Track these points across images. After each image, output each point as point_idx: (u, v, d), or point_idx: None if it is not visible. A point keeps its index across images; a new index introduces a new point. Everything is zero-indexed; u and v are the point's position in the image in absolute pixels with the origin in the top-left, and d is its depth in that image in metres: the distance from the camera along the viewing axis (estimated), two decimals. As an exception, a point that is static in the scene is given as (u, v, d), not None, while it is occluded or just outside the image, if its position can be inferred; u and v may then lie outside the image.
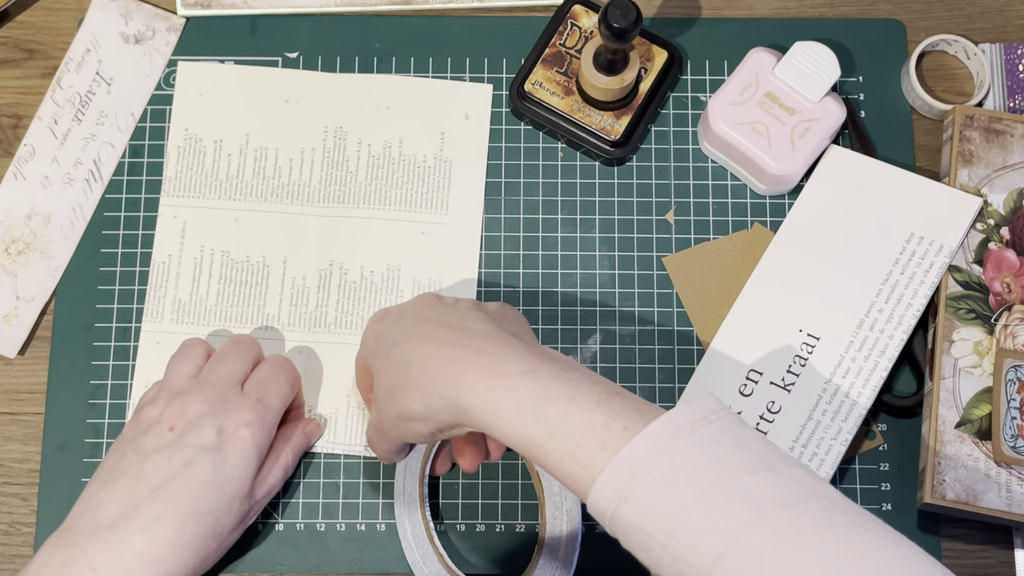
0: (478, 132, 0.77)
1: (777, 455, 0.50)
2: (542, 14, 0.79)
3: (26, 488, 0.72)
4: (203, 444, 0.62)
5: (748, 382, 0.70)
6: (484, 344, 0.56)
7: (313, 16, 0.79)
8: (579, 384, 0.53)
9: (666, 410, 0.52)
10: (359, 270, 0.75)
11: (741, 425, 0.51)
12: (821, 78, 0.73)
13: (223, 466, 0.62)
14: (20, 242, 0.75)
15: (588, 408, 0.52)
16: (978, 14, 0.79)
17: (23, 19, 0.79)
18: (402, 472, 0.70)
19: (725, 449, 0.49)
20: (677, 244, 0.75)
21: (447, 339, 0.57)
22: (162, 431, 0.63)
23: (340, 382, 0.73)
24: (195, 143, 0.76)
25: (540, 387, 0.53)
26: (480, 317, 0.59)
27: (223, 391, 0.65)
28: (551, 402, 0.53)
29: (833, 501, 0.48)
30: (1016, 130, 0.73)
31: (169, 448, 0.62)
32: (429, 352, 0.57)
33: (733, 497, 0.48)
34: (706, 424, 0.50)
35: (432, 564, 0.68)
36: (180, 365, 0.67)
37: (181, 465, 0.62)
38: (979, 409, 0.69)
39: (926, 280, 0.71)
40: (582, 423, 0.52)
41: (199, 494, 0.61)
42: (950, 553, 0.71)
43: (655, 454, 0.49)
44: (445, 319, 0.59)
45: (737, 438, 0.50)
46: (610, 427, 0.51)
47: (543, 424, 0.52)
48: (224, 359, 0.67)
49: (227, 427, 0.63)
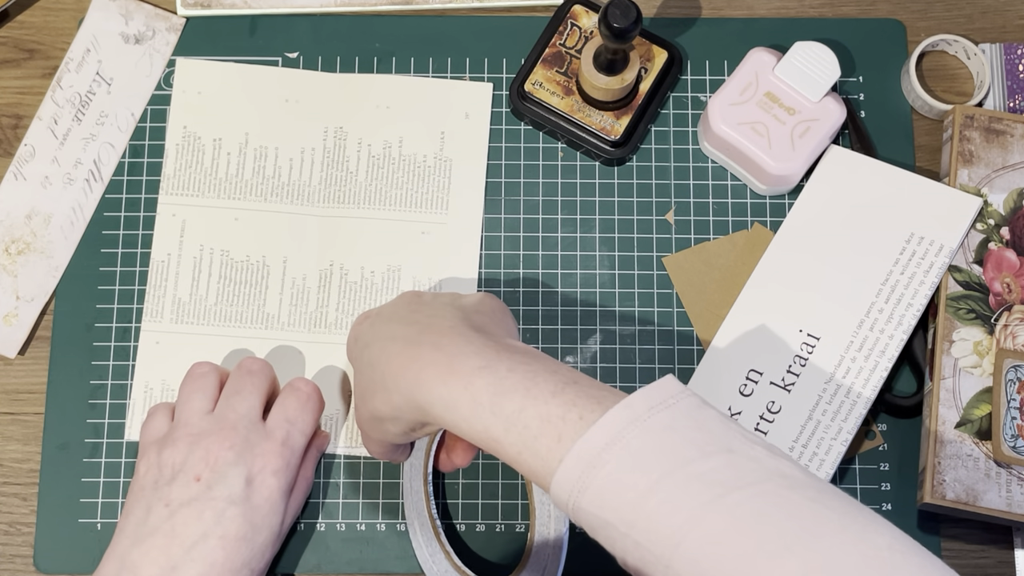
0: (478, 132, 0.77)
1: (735, 435, 0.49)
2: (542, 14, 0.79)
3: (26, 488, 0.72)
4: (232, 496, 0.61)
5: (748, 382, 0.70)
6: (443, 340, 0.56)
7: (313, 16, 0.79)
8: (536, 376, 0.53)
9: (623, 393, 0.52)
10: (359, 270, 0.75)
11: (700, 407, 0.50)
12: (821, 78, 0.73)
13: (254, 517, 0.62)
14: (20, 242, 0.75)
15: (544, 400, 0.52)
16: (978, 14, 0.79)
17: (23, 19, 0.79)
18: (408, 471, 0.70)
19: (682, 434, 0.49)
20: (677, 244, 0.75)
21: (410, 337, 0.57)
22: (188, 481, 0.62)
23: (340, 382, 0.73)
24: (194, 141, 0.76)
25: (496, 381, 0.53)
26: (448, 311, 0.59)
27: (246, 433, 0.63)
28: (507, 396, 0.52)
29: (791, 478, 0.48)
30: (1016, 130, 0.73)
31: (199, 502, 0.61)
32: (392, 352, 0.57)
33: (690, 481, 0.47)
34: (663, 409, 0.50)
35: (440, 562, 0.67)
36: (194, 400, 0.65)
37: (213, 521, 0.61)
38: (979, 409, 0.69)
39: (926, 280, 0.71)
40: (538, 415, 0.51)
41: (234, 550, 0.61)
42: (950, 553, 0.71)
43: (612, 443, 0.49)
44: (415, 317, 0.59)
45: (694, 421, 0.50)
46: (566, 418, 0.51)
47: (499, 419, 0.52)
48: (240, 393, 0.65)
49: (254, 474, 0.62)
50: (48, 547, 0.71)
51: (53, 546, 0.71)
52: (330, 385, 0.73)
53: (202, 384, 0.66)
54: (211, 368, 0.67)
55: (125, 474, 0.72)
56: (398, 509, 0.71)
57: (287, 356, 0.73)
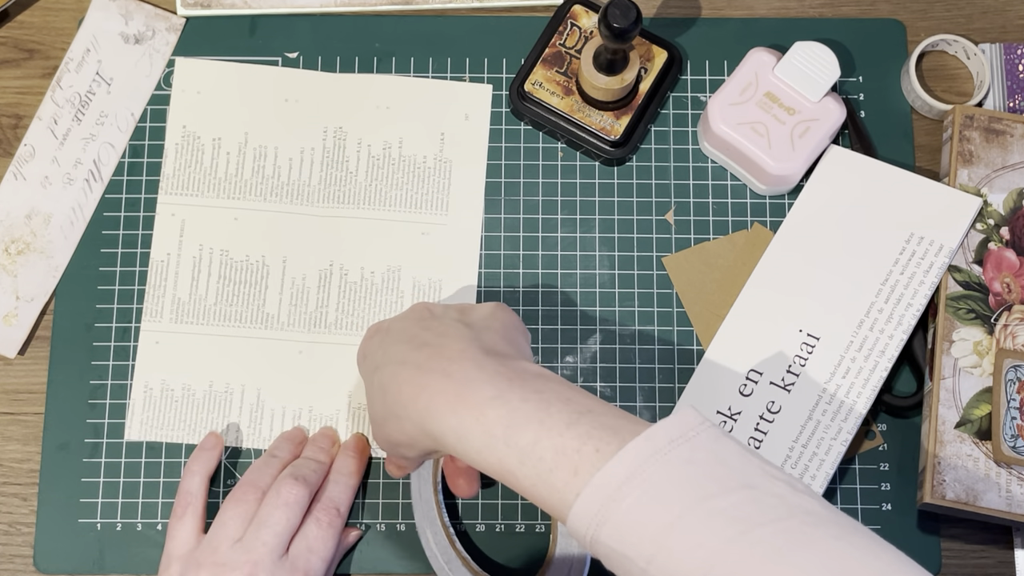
0: (478, 132, 0.77)
1: (757, 470, 0.49)
2: (542, 14, 0.79)
3: (26, 488, 0.72)
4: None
5: (748, 382, 0.70)
6: (454, 367, 0.55)
7: (313, 16, 0.79)
8: (549, 405, 0.52)
9: (641, 420, 0.51)
10: (359, 270, 0.75)
11: (720, 439, 0.50)
12: (821, 78, 0.73)
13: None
14: (20, 242, 0.75)
15: (559, 431, 0.51)
16: (978, 14, 0.79)
17: (23, 19, 0.79)
18: (416, 480, 0.69)
19: (703, 468, 0.48)
20: (677, 244, 0.75)
21: (420, 363, 0.56)
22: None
23: (340, 382, 0.73)
24: (193, 140, 0.76)
25: (508, 412, 0.52)
26: (458, 331, 0.58)
27: (270, 568, 0.63)
28: (520, 428, 0.52)
29: (815, 515, 0.47)
30: (1016, 130, 0.73)
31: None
32: (402, 378, 0.57)
33: (712, 517, 0.46)
34: (684, 442, 0.49)
35: (458, 569, 0.67)
36: (229, 526, 0.65)
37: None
38: (979, 409, 0.69)
39: (926, 280, 0.70)
40: (553, 448, 0.50)
41: None
42: (950, 553, 0.71)
43: (631, 477, 0.48)
44: (424, 337, 0.58)
45: (715, 454, 0.49)
46: (581, 451, 0.50)
47: (514, 451, 0.51)
48: (271, 526, 0.64)
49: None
50: (48, 547, 0.71)
51: (53, 546, 0.71)
52: (330, 385, 0.73)
53: (242, 510, 0.65)
54: (256, 489, 0.66)
55: (125, 474, 0.72)
56: (398, 509, 0.71)
57: (287, 356, 0.73)
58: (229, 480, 0.72)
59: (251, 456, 0.72)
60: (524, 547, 0.71)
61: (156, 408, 0.73)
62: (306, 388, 0.73)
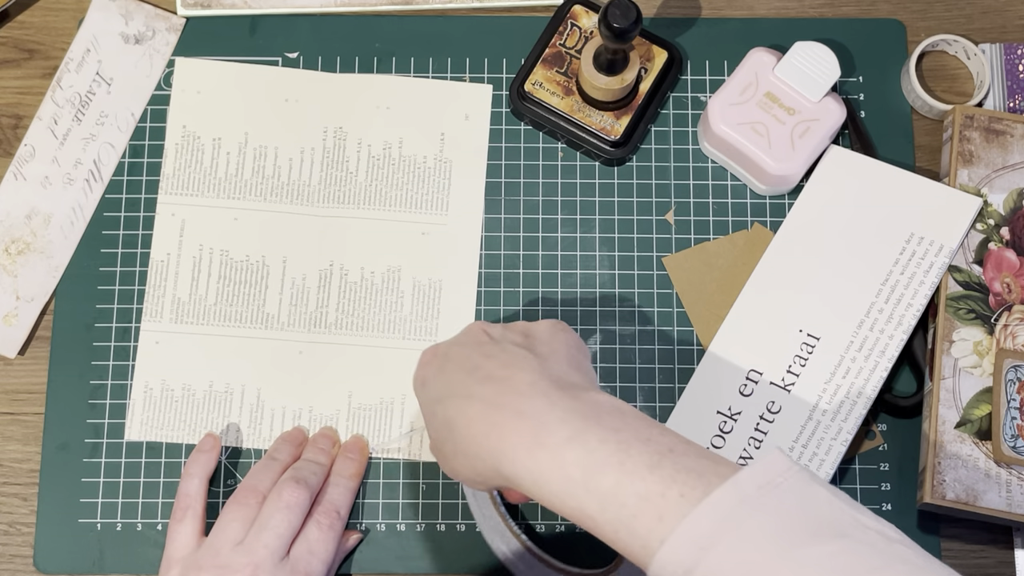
0: (478, 132, 0.77)
1: (848, 518, 0.47)
2: (542, 14, 0.79)
3: (26, 488, 0.72)
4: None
5: (748, 382, 0.70)
6: (526, 405, 0.53)
7: (313, 16, 0.79)
8: (629, 447, 0.50)
9: (724, 459, 0.49)
10: (359, 271, 0.75)
11: (809, 484, 0.48)
12: (821, 78, 0.73)
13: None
14: (20, 242, 0.75)
15: (641, 476, 0.49)
16: (978, 14, 0.79)
17: (23, 19, 0.79)
18: (473, 501, 0.70)
19: (793, 516, 0.46)
20: (677, 244, 0.75)
21: (489, 399, 0.55)
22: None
23: (340, 382, 0.73)
24: (193, 140, 0.76)
25: (587, 455, 0.50)
26: (524, 360, 0.56)
27: (270, 571, 0.63)
28: (600, 471, 0.50)
29: (911, 563, 0.46)
30: (1016, 130, 0.73)
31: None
32: (472, 415, 0.55)
33: (804, 568, 0.45)
34: (772, 488, 0.47)
35: (543, 572, 0.67)
36: (230, 529, 0.65)
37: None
38: (979, 409, 0.69)
39: (926, 280, 0.70)
40: (635, 493, 0.49)
41: None
42: (950, 553, 0.71)
43: (720, 525, 0.46)
44: (488, 368, 0.57)
45: (805, 502, 0.47)
46: (666, 495, 0.48)
47: (594, 496, 0.50)
48: (271, 529, 0.64)
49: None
50: (48, 547, 0.71)
51: (53, 546, 0.71)
52: (330, 385, 0.73)
53: (244, 513, 0.65)
54: (257, 493, 0.66)
55: (125, 474, 0.72)
56: (398, 509, 0.71)
57: (287, 356, 0.73)
58: (229, 480, 0.72)
59: (251, 456, 0.72)
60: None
61: (156, 408, 0.73)
62: (306, 388, 0.73)
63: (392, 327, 0.74)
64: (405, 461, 0.72)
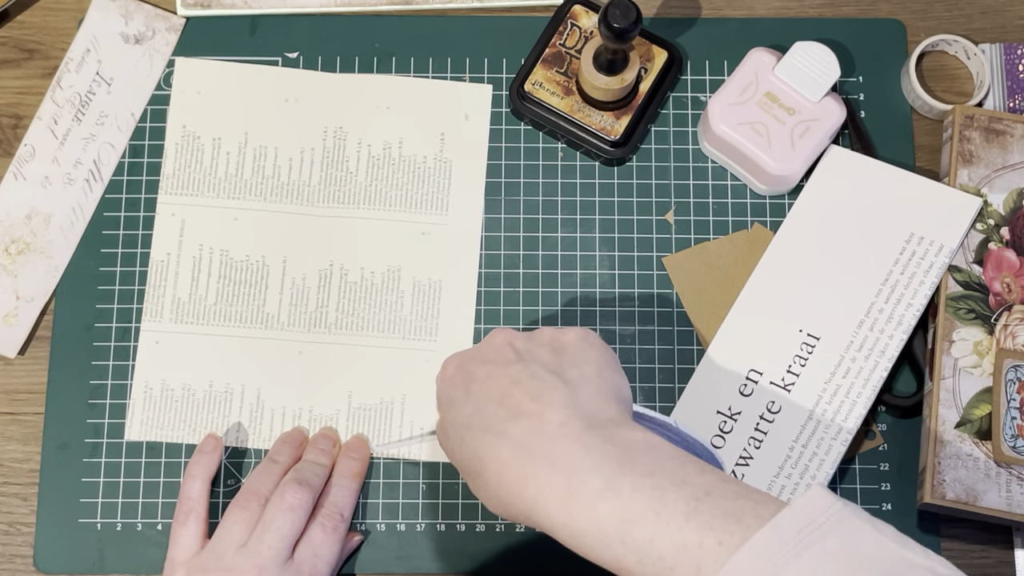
0: (478, 132, 0.77)
1: (895, 556, 0.45)
2: (542, 14, 0.79)
3: (26, 488, 0.72)
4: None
5: (748, 382, 0.70)
6: (557, 451, 0.52)
7: (313, 16, 0.79)
8: (664, 494, 0.49)
9: (766, 496, 0.48)
10: (359, 270, 0.75)
11: (852, 523, 0.46)
12: (821, 78, 0.73)
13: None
14: (20, 242, 0.75)
15: (677, 525, 0.48)
16: (978, 14, 0.79)
17: (23, 19, 0.79)
18: None
19: (836, 560, 0.45)
20: (677, 244, 0.75)
21: (520, 441, 0.53)
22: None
23: (340, 382, 0.73)
24: (193, 140, 0.76)
25: (621, 507, 0.49)
26: (555, 391, 0.55)
27: (275, 571, 0.63)
28: (636, 523, 0.49)
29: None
30: (1016, 130, 0.73)
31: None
32: (504, 459, 0.54)
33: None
34: (813, 530, 0.45)
35: None
36: (234, 532, 0.65)
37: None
38: (979, 409, 0.69)
39: (926, 280, 0.70)
40: (672, 544, 0.47)
41: None
42: (950, 553, 0.71)
43: (759, 573, 0.45)
44: (517, 397, 0.55)
45: (849, 543, 0.45)
46: (703, 544, 0.47)
47: (631, 549, 0.49)
48: (275, 531, 0.64)
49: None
50: (48, 547, 0.71)
51: (53, 546, 0.71)
52: (330, 385, 0.73)
53: (246, 516, 0.65)
54: (259, 496, 0.66)
55: (125, 474, 0.72)
56: (398, 509, 0.71)
57: (287, 356, 0.73)
58: (229, 480, 0.72)
59: (251, 456, 0.72)
60: (505, 548, 0.71)
61: (156, 408, 0.73)
62: (306, 388, 0.73)
63: (392, 327, 0.74)
64: (405, 461, 0.72)
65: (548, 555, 0.70)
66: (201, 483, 0.68)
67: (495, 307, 0.74)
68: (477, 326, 0.74)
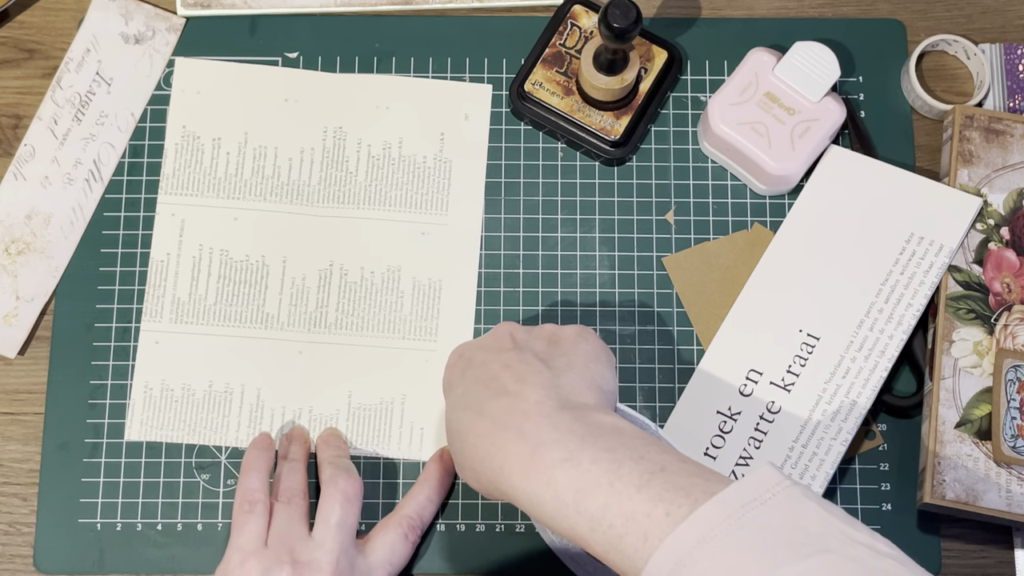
0: (478, 132, 0.77)
1: (836, 531, 0.46)
2: (542, 14, 0.79)
3: (26, 488, 0.72)
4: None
5: (748, 382, 0.70)
6: (528, 424, 0.54)
7: (313, 16, 0.79)
8: (620, 466, 0.51)
9: (719, 475, 0.49)
10: (359, 270, 0.75)
11: (797, 499, 0.47)
12: (821, 78, 0.73)
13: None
14: (20, 242, 0.75)
15: (628, 496, 0.49)
16: (978, 14, 0.79)
17: (23, 19, 0.79)
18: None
19: (777, 532, 0.46)
20: (677, 244, 0.75)
21: (497, 417, 0.56)
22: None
23: (340, 382, 0.73)
24: (193, 140, 0.76)
25: (578, 476, 0.51)
26: (538, 376, 0.57)
27: (344, 564, 0.64)
28: (590, 493, 0.50)
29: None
30: (1016, 130, 0.73)
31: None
32: (480, 432, 0.56)
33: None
34: (758, 505, 0.47)
35: (595, 563, 0.67)
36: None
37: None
38: (979, 409, 0.69)
39: (926, 280, 0.70)
40: (622, 513, 0.49)
41: None
42: (950, 553, 0.71)
43: (701, 543, 0.46)
44: (503, 380, 0.57)
45: (791, 517, 0.47)
46: (651, 515, 0.48)
47: (584, 518, 0.51)
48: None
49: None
50: (48, 547, 0.71)
51: (53, 546, 0.71)
52: (330, 385, 0.73)
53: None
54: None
55: (125, 474, 0.72)
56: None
57: (287, 356, 0.73)
58: (229, 480, 0.72)
59: (251, 456, 0.72)
60: (505, 548, 0.71)
61: (156, 408, 0.73)
62: (306, 388, 0.73)
63: (392, 327, 0.74)
64: (405, 461, 0.72)
65: (548, 555, 0.70)
66: (264, 476, 0.67)
67: (495, 307, 0.74)
68: (477, 326, 0.74)
